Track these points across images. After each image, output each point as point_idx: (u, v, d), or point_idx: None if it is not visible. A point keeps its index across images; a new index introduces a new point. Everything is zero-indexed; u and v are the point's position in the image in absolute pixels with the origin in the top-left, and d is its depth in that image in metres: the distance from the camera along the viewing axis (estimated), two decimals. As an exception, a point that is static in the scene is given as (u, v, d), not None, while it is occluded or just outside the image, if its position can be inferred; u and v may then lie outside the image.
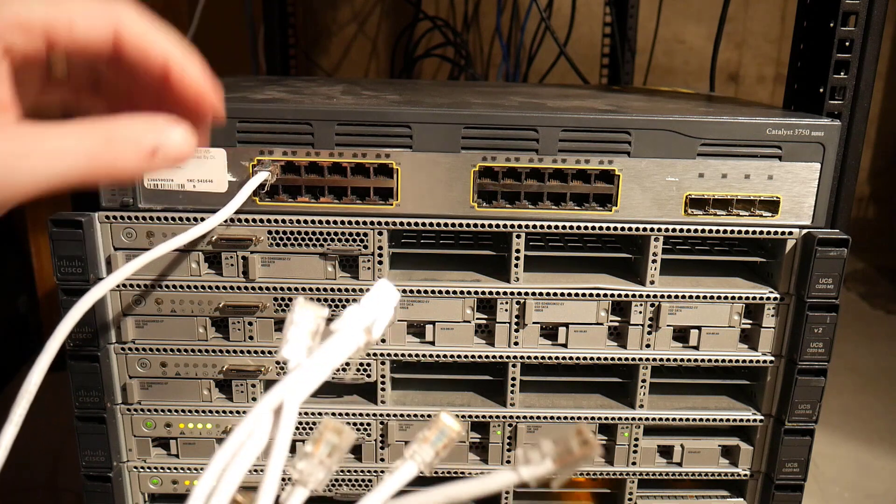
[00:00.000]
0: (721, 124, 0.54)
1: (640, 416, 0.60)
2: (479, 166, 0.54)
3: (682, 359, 0.59)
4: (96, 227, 0.54)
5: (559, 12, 1.36)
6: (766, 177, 0.55)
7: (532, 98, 0.66)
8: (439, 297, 0.57)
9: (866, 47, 0.55)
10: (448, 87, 0.79)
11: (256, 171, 0.53)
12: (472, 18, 1.57)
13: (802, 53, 0.60)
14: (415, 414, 0.59)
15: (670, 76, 1.64)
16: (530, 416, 0.60)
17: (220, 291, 0.56)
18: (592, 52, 1.46)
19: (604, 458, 0.62)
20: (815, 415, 0.58)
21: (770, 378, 0.59)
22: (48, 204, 1.11)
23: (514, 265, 0.56)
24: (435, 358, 0.58)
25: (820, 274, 0.55)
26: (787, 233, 0.56)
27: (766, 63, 1.67)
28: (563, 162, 0.54)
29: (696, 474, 0.62)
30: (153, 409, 0.59)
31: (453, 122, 0.53)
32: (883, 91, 1.69)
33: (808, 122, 0.54)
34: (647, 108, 0.58)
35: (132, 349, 0.57)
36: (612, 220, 0.55)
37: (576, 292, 0.57)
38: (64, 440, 0.93)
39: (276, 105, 0.54)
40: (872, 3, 0.54)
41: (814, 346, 0.56)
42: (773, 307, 0.57)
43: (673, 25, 1.60)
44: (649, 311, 0.58)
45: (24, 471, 0.89)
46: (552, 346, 0.59)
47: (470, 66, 1.47)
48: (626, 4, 1.31)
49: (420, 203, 0.54)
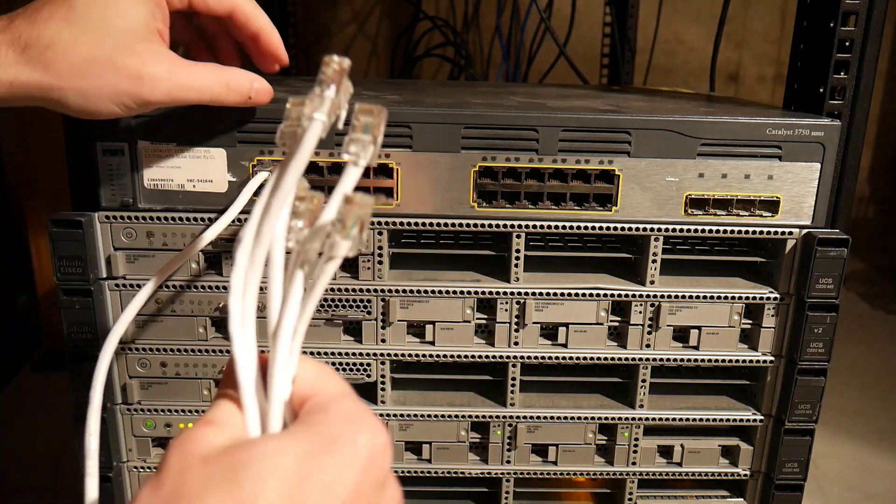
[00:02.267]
0: (721, 124, 0.54)
1: (640, 416, 0.60)
2: (479, 166, 0.54)
3: (682, 359, 0.59)
4: (96, 227, 0.54)
5: (559, 12, 1.36)
6: (766, 177, 0.55)
7: (532, 98, 0.66)
8: (439, 297, 0.57)
9: (866, 47, 0.55)
10: (448, 87, 0.79)
11: (256, 171, 0.53)
12: (472, 18, 1.57)
13: (802, 53, 0.60)
14: (415, 414, 0.59)
15: (670, 76, 1.64)
16: (530, 416, 0.60)
17: (221, 291, 0.56)
18: (592, 52, 1.46)
19: (604, 458, 0.62)
20: (815, 415, 0.58)
21: (770, 378, 0.59)
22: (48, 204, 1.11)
23: (514, 265, 0.56)
24: (435, 358, 0.58)
25: (820, 274, 0.55)
26: (787, 233, 0.56)
27: (766, 63, 1.67)
28: (563, 162, 0.54)
29: (696, 474, 0.62)
30: (153, 409, 0.59)
31: (453, 122, 0.53)
32: (883, 91, 1.69)
33: (808, 122, 0.54)
34: (646, 108, 0.58)
35: (132, 349, 0.57)
36: (612, 220, 0.55)
37: (576, 292, 0.57)
38: (64, 440, 0.93)
39: (276, 105, 0.53)
40: (872, 3, 0.54)
41: (814, 346, 0.56)
42: (773, 307, 0.57)
43: (673, 25, 1.60)
44: (649, 311, 0.58)
45: (24, 471, 0.89)
46: (552, 346, 0.59)
47: (470, 66, 1.47)
48: (626, 4, 1.31)
49: (420, 203, 0.54)
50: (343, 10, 1.59)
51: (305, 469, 0.26)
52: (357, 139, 0.31)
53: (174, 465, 0.26)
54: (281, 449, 0.26)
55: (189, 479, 0.26)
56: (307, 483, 0.26)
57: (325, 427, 0.28)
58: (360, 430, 0.28)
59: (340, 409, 0.29)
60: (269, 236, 0.30)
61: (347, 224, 0.30)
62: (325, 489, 0.26)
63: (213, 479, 0.25)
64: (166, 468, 0.27)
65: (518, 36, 1.45)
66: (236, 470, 0.25)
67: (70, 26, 0.42)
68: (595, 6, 1.50)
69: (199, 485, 0.25)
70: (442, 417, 0.60)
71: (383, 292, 0.56)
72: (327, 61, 0.31)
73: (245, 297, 0.30)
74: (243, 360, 0.30)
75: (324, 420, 0.28)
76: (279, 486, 0.25)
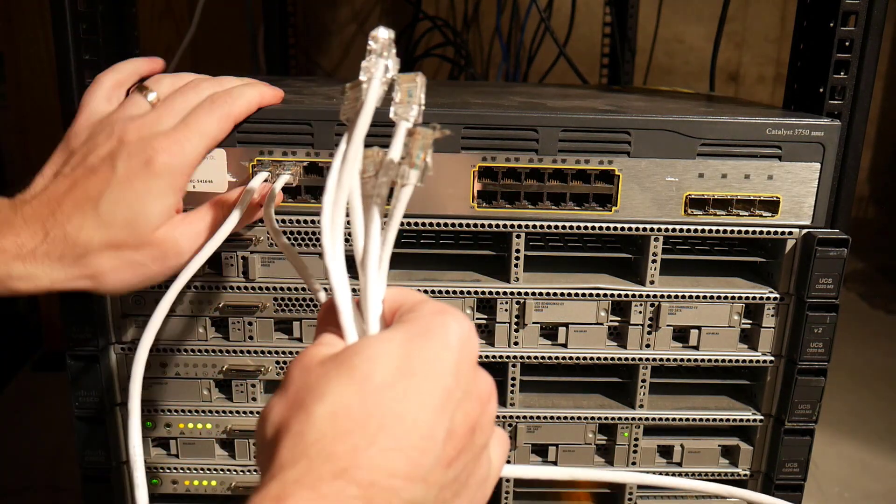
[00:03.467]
0: (721, 124, 0.54)
1: (640, 416, 0.60)
2: (479, 166, 0.54)
3: (682, 359, 0.59)
4: (96, 227, 0.54)
5: (559, 12, 1.36)
6: (766, 177, 0.55)
7: (532, 98, 0.66)
8: (439, 298, 0.57)
9: (866, 47, 0.55)
10: (448, 87, 0.79)
11: (256, 172, 0.53)
12: (472, 18, 1.57)
13: (802, 53, 0.60)
14: (415, 414, 0.59)
15: (670, 76, 1.64)
16: (530, 416, 0.60)
17: (221, 291, 0.56)
18: (592, 52, 1.46)
19: (604, 458, 0.62)
20: (815, 415, 0.58)
21: (770, 378, 0.59)
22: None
23: (514, 265, 0.56)
24: (435, 358, 0.58)
25: (820, 274, 0.55)
26: (787, 233, 0.56)
27: (766, 63, 1.67)
28: (562, 162, 0.54)
29: (696, 474, 0.62)
30: (153, 409, 0.59)
31: (453, 122, 0.53)
32: (883, 91, 1.69)
33: (808, 122, 0.54)
34: (646, 108, 0.58)
35: (132, 349, 0.57)
36: (612, 220, 0.55)
37: (576, 292, 0.57)
38: (64, 440, 0.93)
39: (276, 105, 0.53)
40: (872, 3, 0.54)
41: (814, 346, 0.56)
42: (773, 307, 0.57)
43: (673, 25, 1.60)
44: (649, 311, 0.58)
45: (24, 471, 0.89)
46: (552, 346, 0.59)
47: (470, 66, 1.47)
48: (626, 4, 1.31)
49: (420, 203, 0.54)
50: (343, 10, 1.59)
51: (409, 352, 0.31)
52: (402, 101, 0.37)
53: (295, 375, 0.31)
54: (386, 339, 0.31)
55: (310, 378, 0.30)
56: (413, 362, 0.30)
57: (419, 321, 0.32)
58: (449, 318, 0.32)
59: (429, 307, 0.34)
60: (349, 181, 0.35)
61: (414, 153, 0.35)
62: (428, 366, 0.30)
63: (330, 372, 0.30)
64: (289, 379, 0.31)
65: (518, 36, 1.45)
66: (350, 359, 0.30)
67: (100, 230, 0.45)
68: (595, 6, 1.50)
69: (320, 378, 0.30)
70: (442, 417, 0.60)
71: (383, 292, 0.56)
72: (374, 35, 0.37)
73: (334, 234, 0.36)
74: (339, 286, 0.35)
75: (417, 316, 0.33)
76: (389, 365, 0.30)
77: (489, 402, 0.34)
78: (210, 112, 0.48)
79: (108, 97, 0.50)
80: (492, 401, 0.34)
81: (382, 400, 0.29)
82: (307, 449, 0.28)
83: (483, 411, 0.33)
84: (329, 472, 0.27)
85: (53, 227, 0.44)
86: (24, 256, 0.44)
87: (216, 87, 0.51)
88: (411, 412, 0.29)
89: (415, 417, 0.29)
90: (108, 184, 0.45)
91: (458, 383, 0.31)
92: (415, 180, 0.35)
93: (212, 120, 0.48)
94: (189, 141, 0.47)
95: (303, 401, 0.29)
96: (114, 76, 0.51)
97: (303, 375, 0.31)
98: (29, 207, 0.45)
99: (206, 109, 0.48)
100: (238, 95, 0.50)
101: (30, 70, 1.13)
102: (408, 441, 0.29)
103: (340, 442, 0.28)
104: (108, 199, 0.45)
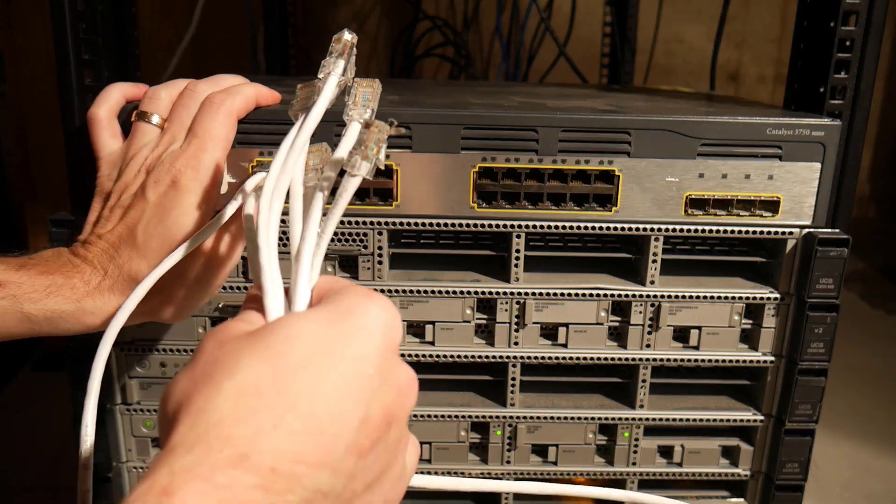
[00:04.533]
0: (721, 124, 0.54)
1: (640, 416, 0.60)
2: (479, 167, 0.54)
3: (682, 359, 0.59)
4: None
5: (559, 12, 1.36)
6: (767, 177, 0.55)
7: (532, 98, 0.66)
8: (439, 297, 0.57)
9: (866, 47, 0.54)
10: (448, 87, 0.79)
11: (255, 172, 0.53)
12: (472, 18, 1.57)
13: (802, 53, 0.60)
14: (415, 414, 0.59)
15: (670, 76, 1.64)
16: (530, 416, 0.60)
17: (220, 291, 0.56)
18: (592, 52, 1.46)
19: (604, 458, 0.62)
20: (816, 415, 0.58)
21: (770, 378, 0.59)
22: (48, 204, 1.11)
23: (514, 265, 0.56)
24: (435, 358, 0.58)
25: (820, 274, 0.55)
26: (788, 233, 0.56)
27: (766, 63, 1.67)
28: (562, 162, 0.54)
29: (697, 474, 0.62)
30: (153, 409, 0.59)
31: (453, 123, 0.53)
32: (883, 91, 1.68)
33: (808, 121, 0.54)
34: (647, 108, 0.58)
35: (132, 349, 0.57)
36: (612, 220, 0.55)
37: (576, 292, 0.57)
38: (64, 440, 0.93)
39: (276, 106, 0.53)
40: (872, 3, 0.54)
41: (814, 346, 0.56)
42: (774, 307, 0.57)
43: (673, 25, 1.60)
44: (649, 312, 0.58)
45: (24, 471, 0.89)
46: (552, 347, 0.59)
47: (470, 66, 1.47)
48: (626, 4, 1.31)
49: (420, 203, 0.54)
50: (343, 10, 1.59)
51: (327, 333, 0.29)
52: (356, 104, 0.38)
53: (208, 348, 0.30)
54: (306, 318, 0.30)
55: (222, 353, 0.29)
56: (331, 343, 0.29)
57: (342, 302, 0.31)
58: (372, 302, 0.31)
59: (353, 290, 0.33)
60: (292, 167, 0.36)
61: (368, 146, 0.35)
62: (347, 349, 0.29)
63: (244, 348, 0.29)
64: (200, 352, 0.30)
65: (518, 36, 1.44)
66: (266, 337, 0.29)
67: (143, 260, 0.46)
68: (595, 6, 1.50)
69: (232, 354, 0.29)
70: (442, 418, 0.60)
71: (383, 292, 0.56)
72: (337, 37, 0.38)
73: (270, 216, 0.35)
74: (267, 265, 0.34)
75: (340, 298, 0.32)
76: (305, 345, 0.29)
77: (408, 394, 0.32)
78: (213, 115, 0.48)
79: (112, 134, 0.51)
80: (410, 394, 0.33)
81: (295, 380, 0.27)
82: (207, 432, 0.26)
83: (401, 404, 0.31)
84: (226, 460, 0.25)
85: (109, 263, 0.47)
86: (92, 292, 0.46)
87: (213, 86, 0.51)
88: (324, 394, 0.28)
89: (327, 400, 0.28)
90: (143, 213, 0.47)
91: (377, 370, 0.30)
92: (364, 172, 0.35)
93: (217, 122, 0.48)
94: (205, 151, 0.47)
95: (210, 375, 0.28)
96: (106, 107, 0.51)
97: (215, 349, 0.29)
98: (83, 249, 0.47)
99: (208, 114, 0.49)
100: (236, 92, 0.50)
101: (30, 70, 1.13)
102: (317, 425, 0.27)
103: (243, 423, 0.26)
104: (143, 227, 0.46)
